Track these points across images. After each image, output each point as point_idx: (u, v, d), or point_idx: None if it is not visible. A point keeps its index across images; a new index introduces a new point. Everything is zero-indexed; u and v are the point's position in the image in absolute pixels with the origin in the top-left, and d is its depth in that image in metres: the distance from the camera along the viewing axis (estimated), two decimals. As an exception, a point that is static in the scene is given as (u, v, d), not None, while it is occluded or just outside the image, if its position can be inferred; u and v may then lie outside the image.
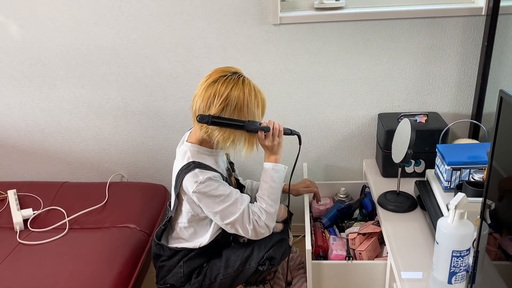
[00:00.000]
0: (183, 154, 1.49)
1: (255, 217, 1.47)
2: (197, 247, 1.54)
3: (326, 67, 1.94)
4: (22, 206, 1.96)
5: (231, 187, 1.48)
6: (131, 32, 1.93)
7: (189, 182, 1.43)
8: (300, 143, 1.61)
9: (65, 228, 1.84)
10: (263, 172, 1.53)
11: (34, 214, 1.91)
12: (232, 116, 1.41)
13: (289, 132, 1.56)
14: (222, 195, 1.44)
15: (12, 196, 1.99)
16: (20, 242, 1.77)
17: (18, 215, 1.87)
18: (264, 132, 1.47)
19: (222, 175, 1.49)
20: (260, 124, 1.46)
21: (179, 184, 1.46)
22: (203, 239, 1.54)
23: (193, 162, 1.45)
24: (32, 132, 2.18)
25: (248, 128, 1.44)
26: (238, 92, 1.40)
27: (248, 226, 1.46)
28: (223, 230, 1.53)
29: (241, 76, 1.44)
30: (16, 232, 1.83)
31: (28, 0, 1.90)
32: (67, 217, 1.89)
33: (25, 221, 1.87)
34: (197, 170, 1.43)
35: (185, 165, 1.46)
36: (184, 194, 1.48)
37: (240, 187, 1.69)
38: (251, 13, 1.86)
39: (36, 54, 2.00)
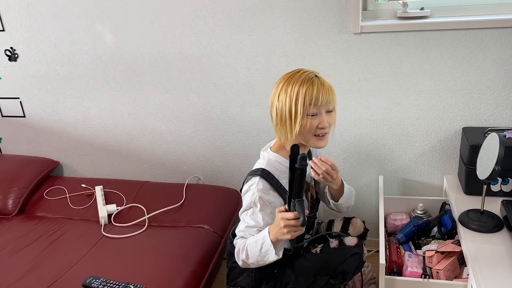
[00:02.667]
0: (262, 159, 1.53)
1: (238, 245, 1.48)
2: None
3: (408, 77, 1.89)
4: (107, 201, 2.10)
5: (263, 221, 1.45)
6: (214, 41, 2.01)
7: (247, 183, 1.49)
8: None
9: (145, 225, 1.94)
10: (265, 238, 1.39)
11: (117, 209, 2.04)
12: (284, 109, 1.40)
13: (293, 242, 1.46)
14: (247, 213, 1.47)
15: (99, 191, 2.14)
16: (104, 235, 1.90)
17: (104, 210, 2.02)
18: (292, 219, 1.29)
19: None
20: (299, 209, 1.27)
21: (243, 183, 1.53)
22: None
23: (262, 169, 1.48)
24: (120, 133, 2.34)
25: (291, 203, 1.30)
26: (286, 86, 1.41)
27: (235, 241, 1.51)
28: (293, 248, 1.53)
29: (300, 71, 1.43)
30: (101, 225, 1.97)
31: (122, 11, 2.06)
32: (147, 215, 2.00)
33: (109, 215, 2.01)
34: (258, 178, 1.46)
35: (254, 169, 1.51)
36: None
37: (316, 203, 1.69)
38: (331, 22, 1.86)
39: (127, 61, 2.15)
